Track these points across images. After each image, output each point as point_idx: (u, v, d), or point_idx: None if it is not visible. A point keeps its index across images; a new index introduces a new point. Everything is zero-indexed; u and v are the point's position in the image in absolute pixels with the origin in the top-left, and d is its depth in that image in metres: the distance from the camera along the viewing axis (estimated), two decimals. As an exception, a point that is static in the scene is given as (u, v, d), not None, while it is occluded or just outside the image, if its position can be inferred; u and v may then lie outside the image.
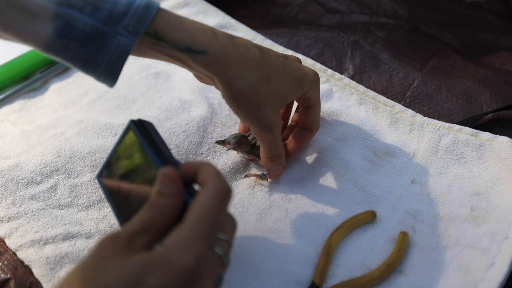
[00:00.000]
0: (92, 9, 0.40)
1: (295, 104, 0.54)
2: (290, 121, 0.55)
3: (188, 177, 0.36)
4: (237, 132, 0.54)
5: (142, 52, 0.43)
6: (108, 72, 0.41)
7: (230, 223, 0.37)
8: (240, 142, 0.51)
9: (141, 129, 0.40)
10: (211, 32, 0.43)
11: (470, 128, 0.52)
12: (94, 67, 0.41)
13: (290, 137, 0.52)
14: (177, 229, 0.33)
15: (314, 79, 0.48)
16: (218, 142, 0.51)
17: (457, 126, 0.52)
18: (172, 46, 0.42)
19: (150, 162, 0.38)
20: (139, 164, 0.39)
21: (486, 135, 0.51)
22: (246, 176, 0.52)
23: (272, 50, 0.47)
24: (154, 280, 0.30)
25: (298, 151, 0.52)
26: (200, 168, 0.36)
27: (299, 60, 0.49)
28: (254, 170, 0.54)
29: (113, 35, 0.40)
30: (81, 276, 0.31)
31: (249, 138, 0.52)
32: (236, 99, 0.44)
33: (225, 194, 0.35)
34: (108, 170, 0.43)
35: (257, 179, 0.52)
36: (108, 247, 0.32)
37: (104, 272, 0.31)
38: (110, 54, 0.40)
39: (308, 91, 0.48)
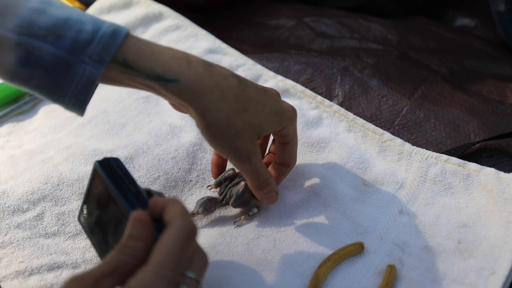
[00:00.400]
0: (55, 38, 0.39)
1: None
2: (267, 151, 0.54)
3: (156, 214, 0.36)
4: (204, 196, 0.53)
5: (112, 80, 0.43)
6: (76, 101, 0.41)
7: (199, 260, 0.37)
8: (209, 207, 0.50)
9: (107, 169, 0.40)
10: (185, 59, 0.42)
11: (457, 159, 0.52)
12: (61, 96, 0.41)
13: None
14: (141, 271, 0.33)
15: (293, 115, 0.48)
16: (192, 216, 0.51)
17: (445, 156, 0.53)
18: (142, 74, 0.41)
19: (117, 201, 0.38)
20: (110, 204, 0.40)
21: (473, 166, 0.51)
22: (237, 226, 0.51)
23: (251, 82, 0.46)
24: None
25: None
26: (167, 206, 0.36)
27: (278, 95, 0.48)
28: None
29: (78, 64, 0.40)
30: None
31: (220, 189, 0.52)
32: (211, 130, 0.43)
33: (190, 233, 0.35)
34: (86, 211, 0.43)
35: (247, 219, 0.51)
36: None
37: None
38: (76, 83, 0.40)
39: (286, 127, 0.47)
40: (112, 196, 0.39)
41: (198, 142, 0.59)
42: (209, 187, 0.55)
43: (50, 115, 0.65)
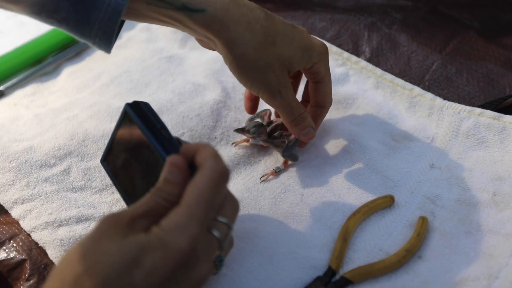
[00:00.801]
0: None
1: (304, 79, 0.52)
2: (300, 99, 0.52)
3: (188, 159, 0.36)
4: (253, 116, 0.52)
5: (138, 14, 0.42)
6: (103, 33, 0.40)
7: (231, 206, 0.37)
8: (260, 132, 0.49)
9: (138, 113, 0.39)
10: None
11: (492, 112, 0.50)
12: (88, 29, 0.40)
13: None
14: (173, 212, 0.33)
15: (323, 51, 0.46)
16: (237, 130, 0.50)
17: (479, 110, 0.51)
18: (168, 4, 0.40)
19: (150, 145, 0.37)
20: (140, 148, 0.39)
21: (509, 118, 0.49)
22: (262, 180, 0.50)
23: (279, 17, 0.45)
24: (150, 260, 0.31)
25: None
26: (198, 150, 0.35)
27: (308, 32, 0.47)
28: (265, 159, 0.52)
29: None
30: (80, 255, 0.31)
31: (265, 122, 0.51)
32: (240, 64, 0.42)
33: (222, 176, 0.34)
34: (111, 154, 0.43)
35: (273, 175, 0.50)
36: (110, 227, 0.32)
37: (103, 251, 0.31)
38: (102, 13, 0.39)
39: (316, 64, 0.46)
40: (144, 140, 0.38)
41: (222, 100, 0.58)
42: (234, 144, 0.54)
43: (73, 75, 0.65)
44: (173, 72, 0.63)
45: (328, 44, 0.61)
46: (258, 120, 0.53)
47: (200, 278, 0.33)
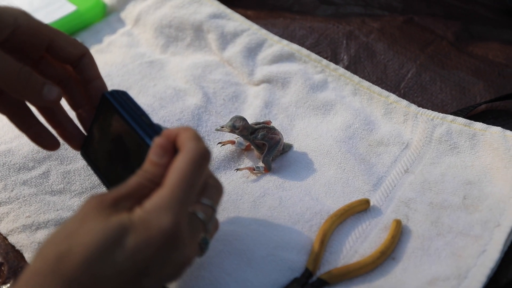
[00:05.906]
0: None
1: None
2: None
3: (170, 142, 0.36)
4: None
5: None
6: None
7: (215, 189, 0.37)
8: (235, 125, 0.50)
9: (117, 101, 0.39)
10: None
11: (463, 119, 0.52)
12: None
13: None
14: (156, 193, 0.33)
15: (18, 13, 0.39)
16: (217, 129, 0.51)
17: (451, 117, 0.53)
18: None
19: (131, 131, 0.38)
20: (121, 135, 0.39)
21: (479, 125, 0.51)
22: (237, 169, 0.51)
23: None
24: (132, 241, 0.31)
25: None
26: (179, 133, 0.35)
27: None
28: (245, 163, 0.53)
29: None
30: (63, 235, 0.32)
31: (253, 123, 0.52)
32: None
33: (203, 156, 0.34)
34: (91, 145, 0.42)
35: (250, 172, 0.51)
36: (93, 208, 0.32)
37: (86, 231, 0.31)
38: None
39: (19, 28, 0.39)
40: (125, 127, 0.38)
41: (203, 105, 0.59)
42: (220, 144, 0.54)
43: (53, 79, 0.65)
44: (154, 77, 0.64)
45: (307, 51, 0.62)
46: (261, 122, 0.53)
47: (185, 260, 0.34)
